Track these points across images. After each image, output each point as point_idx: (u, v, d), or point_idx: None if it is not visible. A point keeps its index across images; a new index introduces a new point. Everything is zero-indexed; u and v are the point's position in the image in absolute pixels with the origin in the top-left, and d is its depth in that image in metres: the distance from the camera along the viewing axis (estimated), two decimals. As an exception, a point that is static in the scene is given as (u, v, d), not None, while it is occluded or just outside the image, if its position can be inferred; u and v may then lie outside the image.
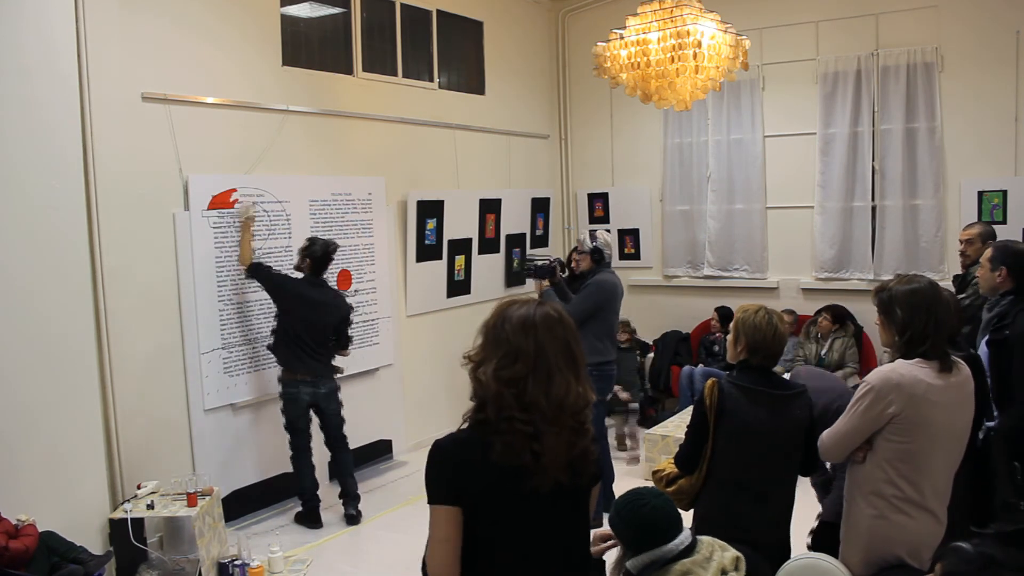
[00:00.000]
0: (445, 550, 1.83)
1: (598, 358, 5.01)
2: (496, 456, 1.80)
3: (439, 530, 1.83)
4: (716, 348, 7.11)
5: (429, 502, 1.85)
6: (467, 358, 1.92)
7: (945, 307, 2.74)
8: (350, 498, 5.27)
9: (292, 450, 5.17)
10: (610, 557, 2.30)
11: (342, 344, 5.29)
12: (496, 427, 1.82)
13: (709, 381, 2.87)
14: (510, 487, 1.82)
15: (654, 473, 3.07)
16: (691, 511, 2.93)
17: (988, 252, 3.87)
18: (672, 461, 3.01)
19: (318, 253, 5.09)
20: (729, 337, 2.93)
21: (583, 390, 1.88)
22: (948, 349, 2.71)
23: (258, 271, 5.00)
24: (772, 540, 2.80)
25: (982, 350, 3.65)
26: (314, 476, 5.23)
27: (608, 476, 5.28)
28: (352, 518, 5.22)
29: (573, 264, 5.52)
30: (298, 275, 5.15)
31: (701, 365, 6.96)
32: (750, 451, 2.80)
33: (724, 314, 7.04)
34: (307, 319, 5.00)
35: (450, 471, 1.84)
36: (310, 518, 5.18)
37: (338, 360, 5.31)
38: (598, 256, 5.12)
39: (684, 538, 2.15)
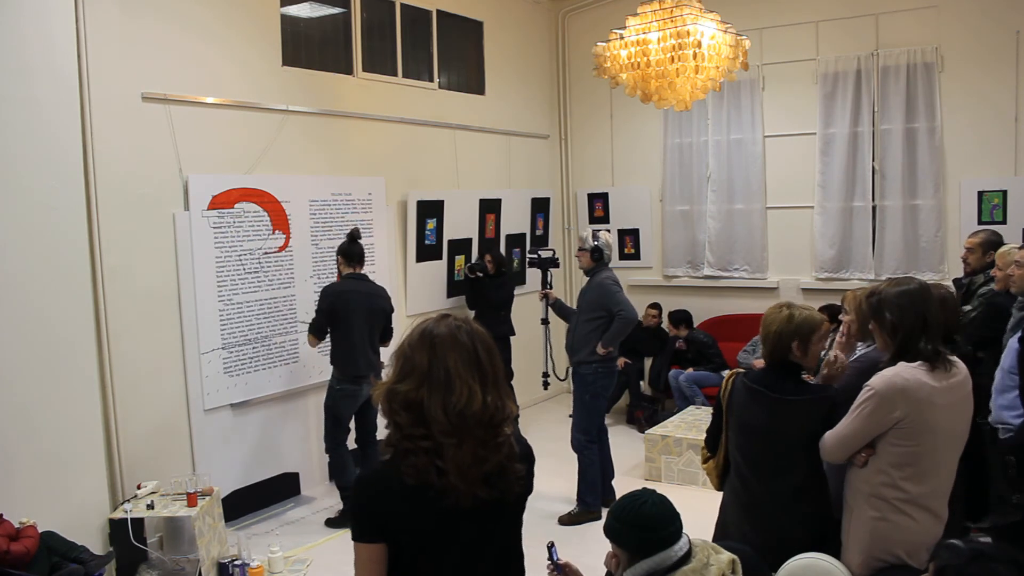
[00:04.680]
0: None
1: (599, 355, 5.10)
2: (407, 478, 1.73)
3: (363, 569, 1.77)
4: (678, 345, 7.19)
5: (352, 539, 1.79)
6: (375, 381, 1.88)
7: (935, 307, 2.73)
8: None
9: (335, 445, 5.20)
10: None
11: (388, 336, 5.35)
12: (401, 447, 1.76)
13: (729, 373, 2.99)
14: (430, 508, 1.75)
15: (702, 449, 3.23)
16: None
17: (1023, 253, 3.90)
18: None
19: (344, 246, 5.18)
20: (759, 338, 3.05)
21: (495, 400, 1.78)
22: (943, 349, 2.71)
23: (317, 325, 5.07)
24: (772, 540, 2.80)
25: (1012, 346, 3.63)
26: (355, 469, 5.26)
27: (608, 472, 5.35)
28: None
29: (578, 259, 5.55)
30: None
31: (690, 370, 6.99)
32: (749, 448, 2.91)
33: (681, 317, 7.28)
34: (362, 312, 5.06)
35: (370, 504, 1.77)
36: None
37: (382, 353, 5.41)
38: (598, 255, 5.14)
39: (683, 544, 2.14)
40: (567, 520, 5.12)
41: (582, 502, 5.18)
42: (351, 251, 5.18)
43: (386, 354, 5.57)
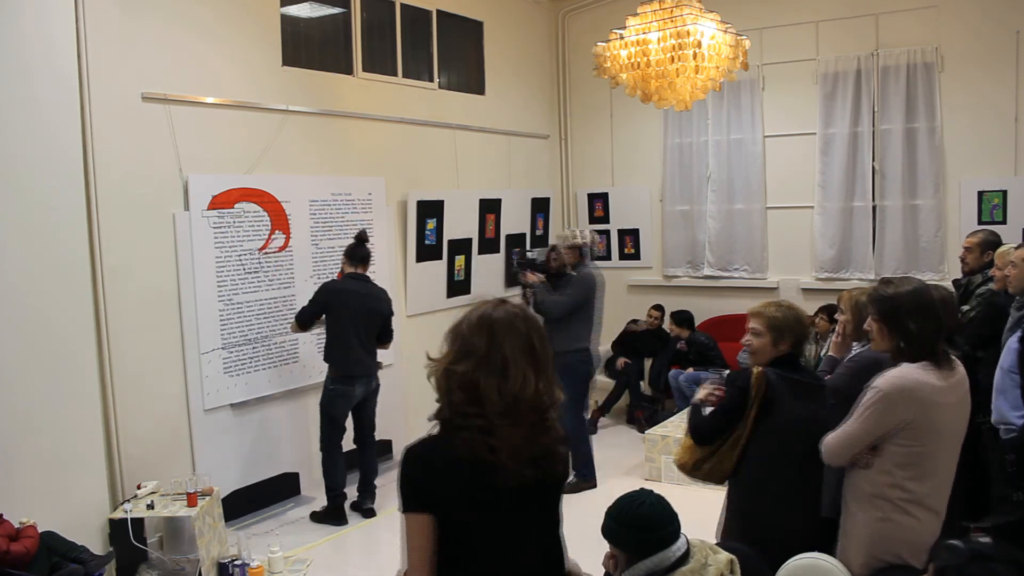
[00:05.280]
0: (420, 558, 1.83)
1: (583, 344, 5.53)
2: (457, 451, 1.82)
3: (413, 539, 1.84)
4: (679, 346, 7.18)
5: (401, 510, 1.86)
6: (430, 359, 1.94)
7: (944, 307, 2.74)
8: (369, 492, 5.40)
9: (329, 444, 5.22)
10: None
11: (387, 338, 5.36)
12: (452, 423, 1.85)
13: (757, 370, 2.90)
14: (478, 482, 1.83)
15: (680, 467, 3.10)
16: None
17: (1021, 252, 3.90)
18: (684, 448, 3.08)
19: (349, 246, 5.24)
20: (765, 340, 2.94)
21: (545, 387, 1.88)
22: (946, 348, 2.71)
23: (304, 315, 5.10)
24: (778, 539, 2.80)
25: (1011, 346, 3.63)
26: (344, 471, 5.28)
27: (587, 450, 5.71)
28: (369, 511, 5.34)
29: (553, 261, 5.82)
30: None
31: (690, 370, 6.98)
32: (791, 445, 2.84)
33: (684, 317, 7.24)
34: (358, 312, 5.10)
35: (420, 475, 1.84)
36: (335, 515, 5.19)
37: (380, 354, 5.41)
38: (583, 252, 5.57)
39: (681, 544, 2.14)
40: (568, 489, 5.19)
41: (579, 474, 5.51)
42: (355, 252, 5.22)
43: (385, 356, 5.60)
